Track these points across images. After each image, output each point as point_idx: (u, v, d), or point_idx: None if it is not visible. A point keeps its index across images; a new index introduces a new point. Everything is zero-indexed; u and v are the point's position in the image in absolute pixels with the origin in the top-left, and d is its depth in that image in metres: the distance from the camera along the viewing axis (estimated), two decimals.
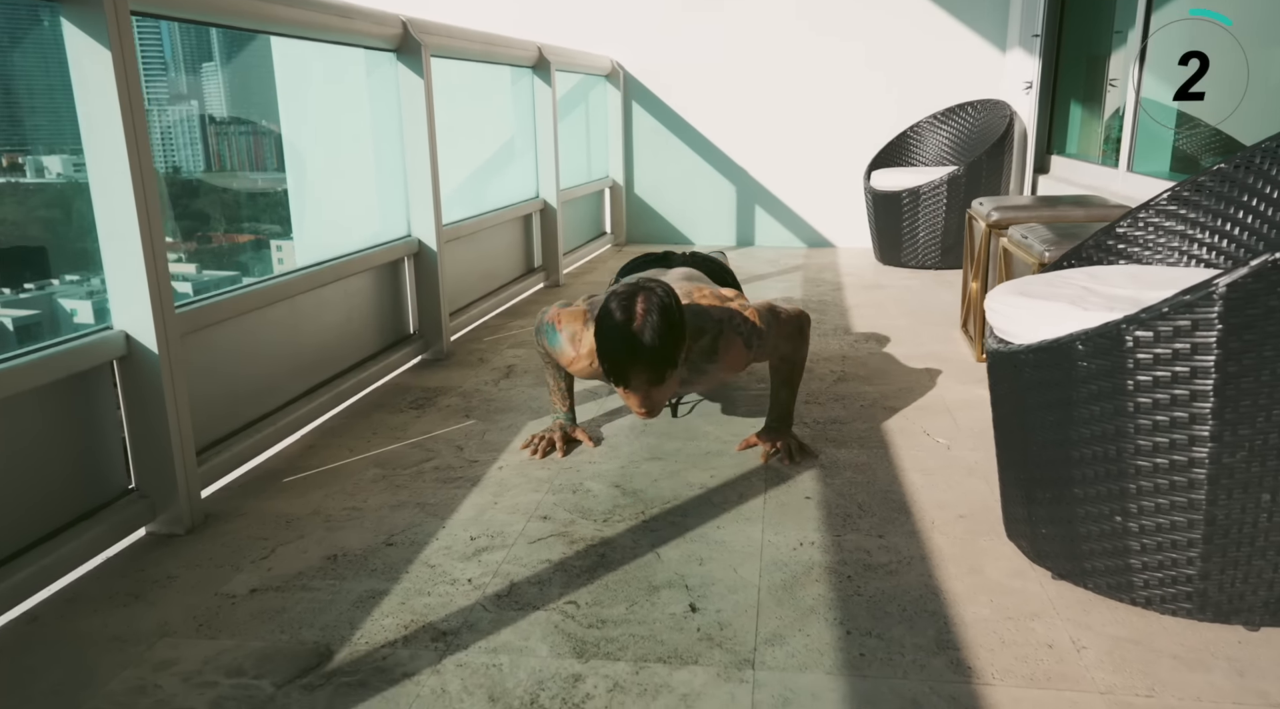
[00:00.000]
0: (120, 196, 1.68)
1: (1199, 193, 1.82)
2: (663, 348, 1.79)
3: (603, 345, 1.83)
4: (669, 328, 1.80)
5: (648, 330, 1.77)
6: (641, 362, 1.79)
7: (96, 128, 1.66)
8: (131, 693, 1.33)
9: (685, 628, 1.47)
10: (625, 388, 1.85)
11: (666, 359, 1.81)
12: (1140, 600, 1.45)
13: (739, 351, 2.04)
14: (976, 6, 5.14)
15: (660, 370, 1.81)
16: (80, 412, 1.74)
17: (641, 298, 1.80)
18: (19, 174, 5.18)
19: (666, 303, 1.81)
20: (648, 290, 1.82)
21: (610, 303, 1.83)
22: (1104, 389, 1.36)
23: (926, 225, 4.70)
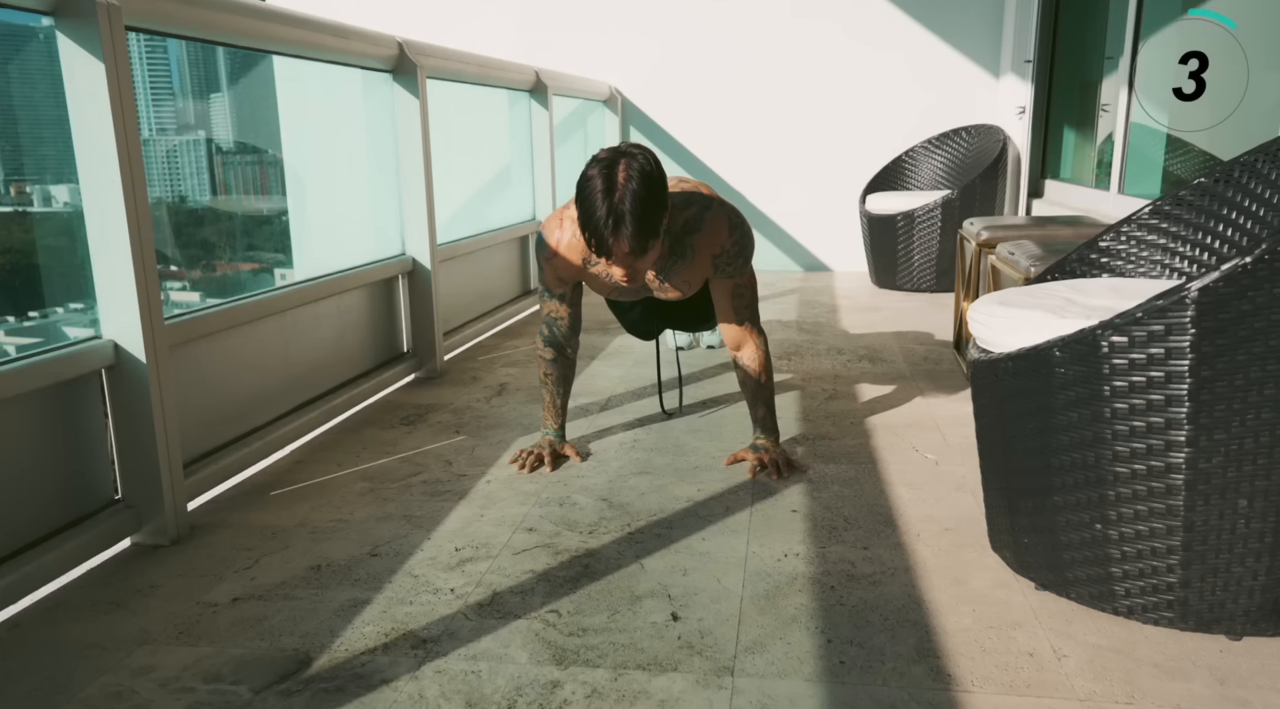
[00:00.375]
0: (111, 207, 1.70)
1: (1180, 207, 1.84)
2: (644, 212, 1.76)
3: (583, 211, 1.78)
4: (650, 194, 1.77)
5: (629, 198, 1.75)
6: (623, 226, 1.75)
7: (89, 138, 1.68)
8: (108, 698, 1.32)
9: (666, 636, 1.46)
10: (607, 257, 1.82)
11: (648, 224, 1.78)
12: (1122, 610, 1.45)
13: (721, 230, 2.03)
14: (970, 33, 5.21)
15: (642, 237, 1.78)
16: (68, 421, 1.75)
17: (623, 163, 1.78)
18: (26, 203, 5.22)
19: (648, 168, 1.78)
20: (629, 156, 1.80)
21: (590, 169, 1.80)
22: (1081, 395, 1.36)
23: (921, 248, 4.73)
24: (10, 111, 9.78)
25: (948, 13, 5.21)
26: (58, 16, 1.65)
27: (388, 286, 3.08)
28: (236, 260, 5.40)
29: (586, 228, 1.79)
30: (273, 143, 4.06)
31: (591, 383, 3.04)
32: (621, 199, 1.75)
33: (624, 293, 2.20)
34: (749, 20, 5.39)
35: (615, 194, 1.75)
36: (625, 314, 2.60)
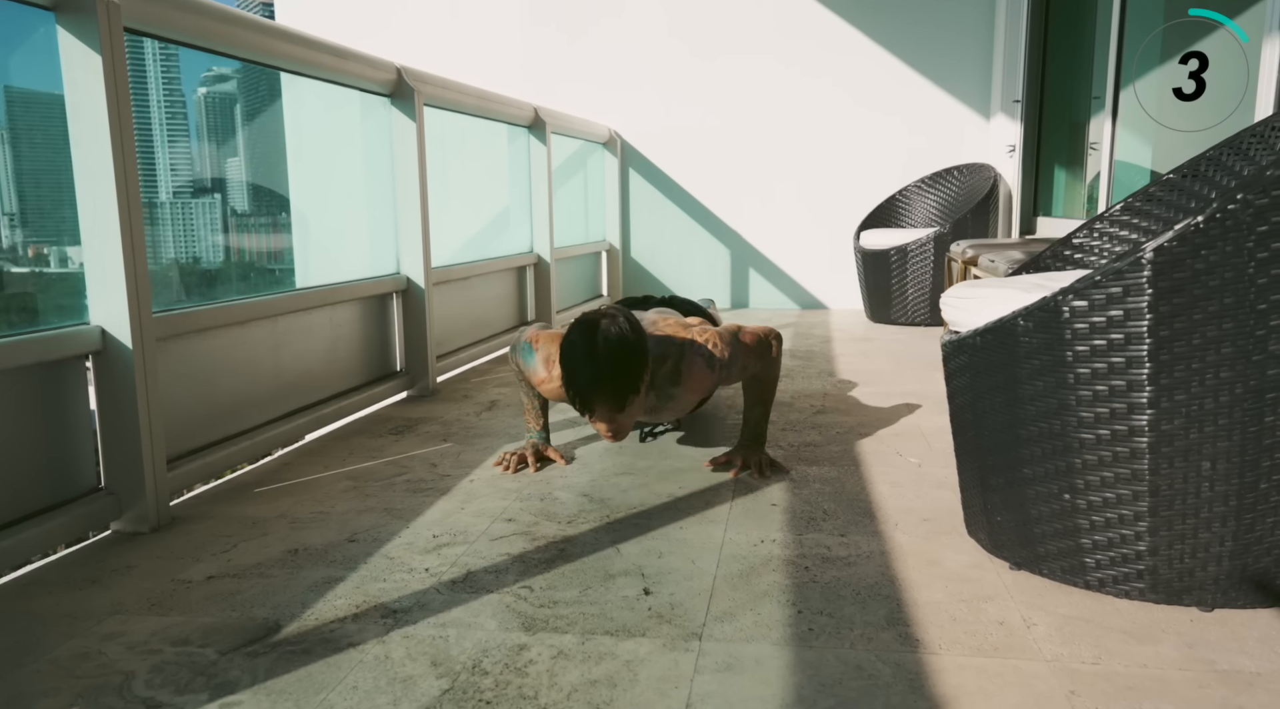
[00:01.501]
0: (103, 195, 1.75)
1: (1150, 202, 1.88)
2: (623, 375, 1.83)
3: (566, 373, 1.86)
4: (629, 355, 1.84)
5: (608, 357, 1.81)
6: (603, 389, 1.83)
7: (84, 128, 1.74)
8: (75, 658, 1.32)
9: (636, 608, 1.46)
10: (590, 415, 1.88)
11: (628, 386, 1.85)
12: (1094, 583, 1.44)
13: (702, 374, 2.07)
14: (960, 75, 5.33)
15: (622, 397, 1.85)
16: (52, 404, 1.77)
17: (603, 326, 1.84)
18: (44, 264, 5.33)
19: (625, 330, 1.85)
20: (609, 318, 1.86)
21: (572, 332, 1.87)
22: (1046, 363, 1.38)
23: (915, 283, 4.77)
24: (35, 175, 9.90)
25: (938, 56, 5.34)
26: (59, 12, 1.72)
27: (381, 303, 3.12)
28: (245, 270, 5.48)
29: (569, 386, 1.87)
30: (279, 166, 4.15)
31: None
32: (604, 359, 1.81)
33: None
34: (745, 66, 5.53)
35: (596, 354, 1.82)
36: None
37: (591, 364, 1.82)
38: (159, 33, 1.98)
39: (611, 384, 1.83)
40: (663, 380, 2.06)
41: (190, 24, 2.05)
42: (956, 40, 5.31)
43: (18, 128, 4.50)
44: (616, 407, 1.86)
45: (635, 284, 5.89)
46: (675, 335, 2.10)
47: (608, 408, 1.86)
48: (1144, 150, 3.85)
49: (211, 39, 2.15)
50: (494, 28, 5.80)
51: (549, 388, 2.15)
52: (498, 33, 5.80)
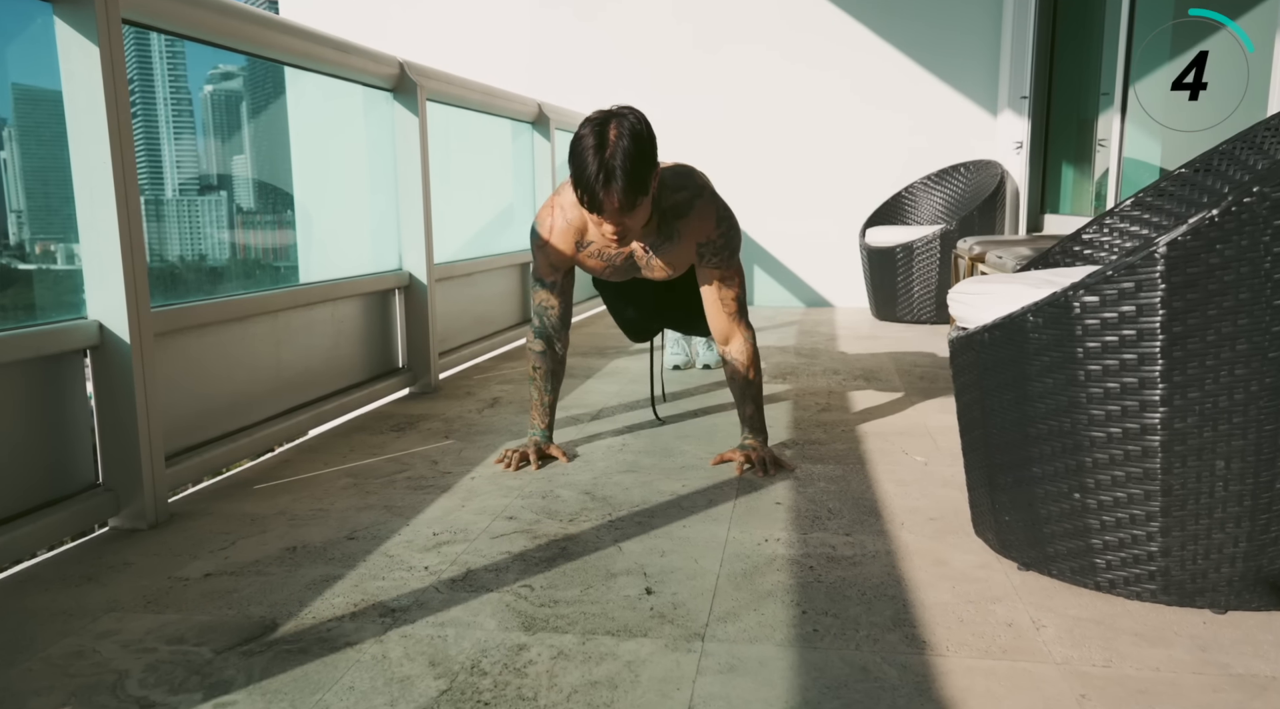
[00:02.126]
0: (101, 188, 1.73)
1: (1161, 197, 1.84)
2: (634, 168, 1.82)
3: (575, 168, 1.84)
4: (640, 152, 1.83)
5: (620, 155, 1.81)
6: (613, 181, 1.81)
7: (82, 120, 1.72)
8: (69, 657, 1.31)
9: (638, 607, 1.44)
10: (598, 212, 1.87)
11: (637, 181, 1.83)
12: (1104, 584, 1.41)
13: (708, 218, 2.08)
14: (967, 71, 5.29)
15: (631, 193, 1.83)
16: (50, 399, 1.75)
17: (614, 123, 1.84)
18: (50, 261, 5.34)
19: (638, 128, 1.84)
20: (619, 116, 1.86)
21: (582, 128, 1.86)
22: (1056, 360, 1.36)
23: (921, 280, 4.74)
24: (42, 172, 9.98)
25: (945, 51, 5.30)
26: (56, 3, 1.70)
27: (383, 300, 3.10)
28: (249, 265, 5.48)
29: (579, 183, 1.85)
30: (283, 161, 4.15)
31: (585, 397, 3.03)
32: (612, 155, 1.81)
33: (615, 271, 2.21)
34: (749, 61, 5.50)
35: (606, 150, 1.82)
36: (621, 312, 2.61)
37: (601, 158, 1.81)
38: (158, 24, 1.96)
39: (622, 177, 1.81)
40: (669, 208, 2.06)
41: (189, 16, 2.03)
42: (963, 36, 5.27)
43: (25, 124, 4.50)
44: (626, 204, 1.85)
45: None
46: (695, 176, 2.12)
47: (615, 204, 1.84)
48: (1153, 147, 3.81)
49: (211, 31, 2.13)
50: (497, 20, 5.78)
51: (558, 230, 2.12)
52: (501, 25, 5.77)
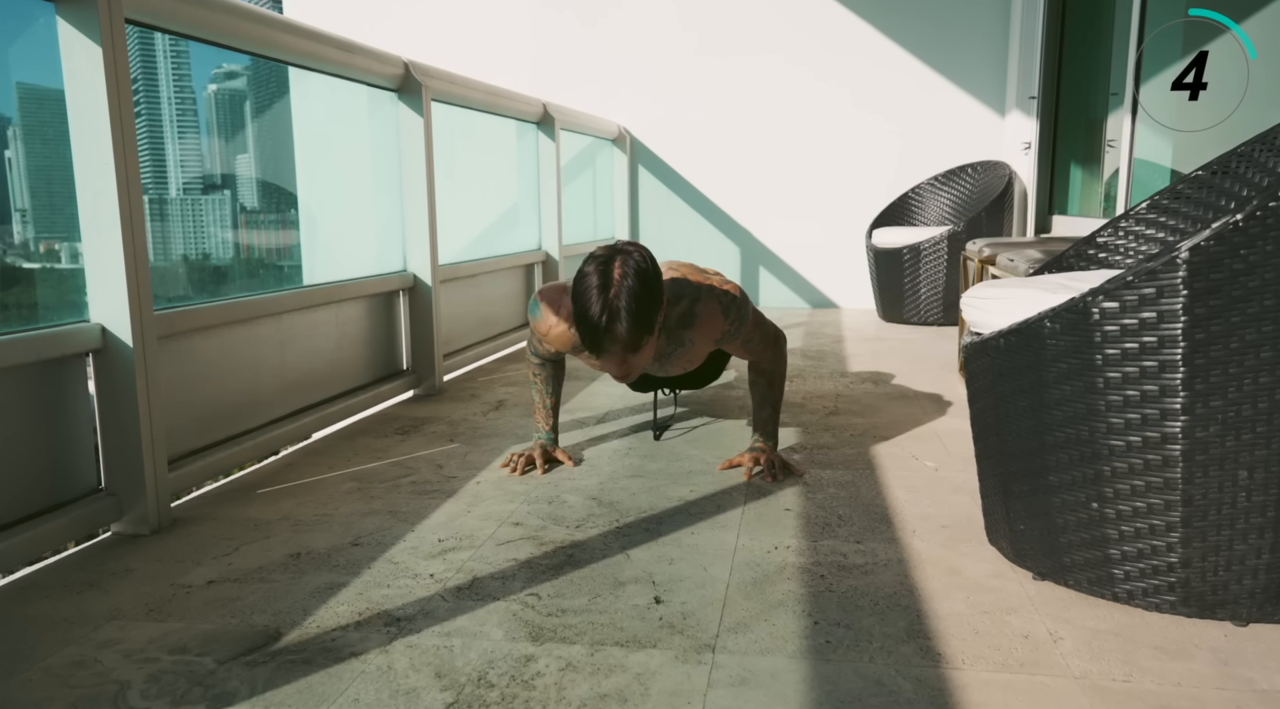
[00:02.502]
0: (104, 190, 1.71)
1: (1178, 200, 1.82)
2: (638, 312, 1.74)
3: (578, 309, 1.77)
4: (645, 290, 1.75)
5: (624, 296, 1.73)
6: (617, 326, 1.74)
7: (84, 121, 1.70)
8: (69, 666, 1.29)
9: (647, 617, 1.41)
10: (601, 355, 1.81)
11: (642, 324, 1.76)
12: (1122, 595, 1.39)
13: (716, 319, 2.01)
14: (974, 71, 5.26)
15: (636, 336, 1.76)
16: (52, 403, 1.73)
17: (618, 261, 1.77)
18: (54, 260, 5.32)
19: (643, 266, 1.77)
20: (624, 254, 1.79)
21: (586, 266, 1.79)
22: (1074, 367, 1.33)
23: (928, 282, 4.71)
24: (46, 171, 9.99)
25: (952, 53, 5.27)
26: (58, 3, 1.68)
27: (388, 301, 3.08)
28: (252, 266, 5.46)
29: (581, 325, 1.78)
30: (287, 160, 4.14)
31: (590, 400, 3.01)
32: (616, 296, 1.73)
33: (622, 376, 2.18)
34: (755, 60, 5.47)
35: (610, 291, 1.74)
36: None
37: (605, 300, 1.73)
38: (161, 24, 1.93)
39: (627, 321, 1.74)
40: (675, 323, 1.99)
41: (193, 15, 2.01)
42: (970, 37, 5.24)
43: (29, 123, 4.47)
44: (630, 346, 1.77)
45: None
46: (691, 278, 2.04)
47: (621, 346, 1.78)
48: (1163, 148, 3.78)
49: (215, 31, 2.11)
50: (502, 20, 5.76)
51: (556, 333, 2.05)
52: (506, 26, 5.75)
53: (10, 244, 4.66)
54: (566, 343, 2.06)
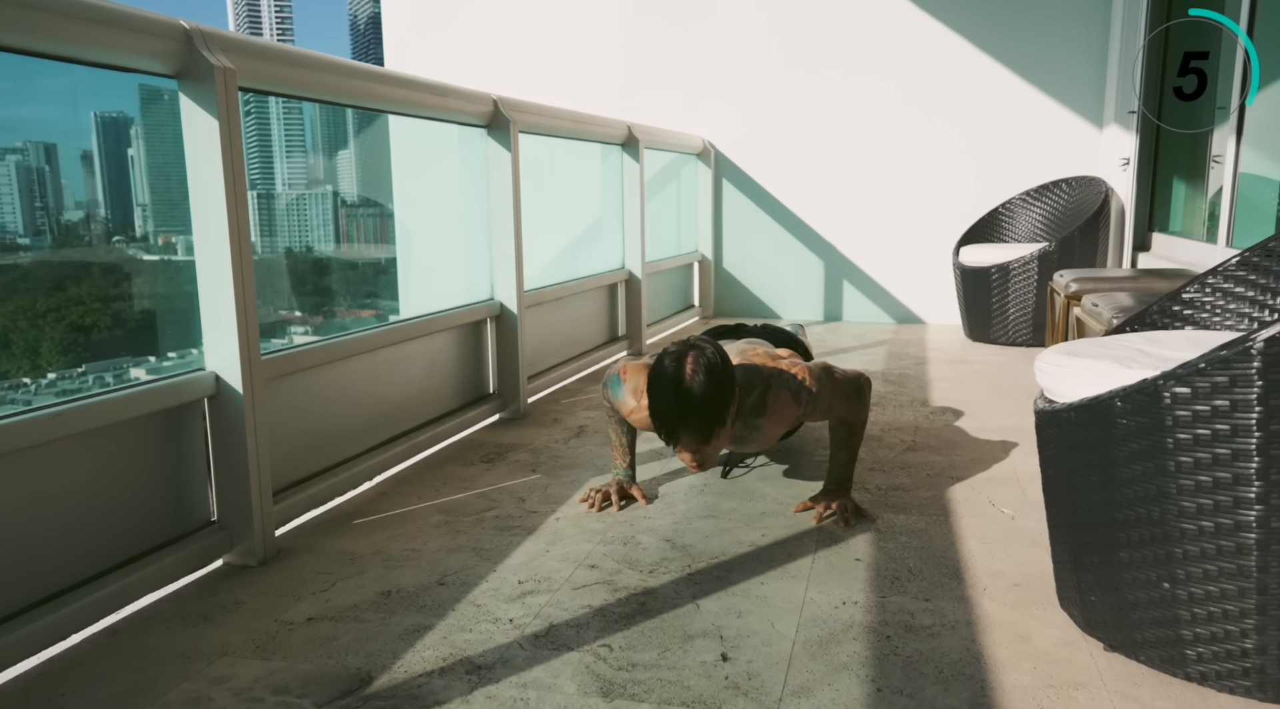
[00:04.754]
0: (218, 251, 1.86)
1: (1269, 257, 1.77)
2: (710, 406, 1.85)
3: (653, 404, 1.90)
4: (716, 386, 1.86)
5: (695, 389, 1.84)
6: (690, 420, 1.86)
7: (202, 188, 1.85)
8: (187, 703, 1.42)
9: (714, 676, 1.47)
10: (675, 445, 1.91)
11: (714, 418, 1.87)
12: (1195, 676, 1.38)
13: (787, 406, 2.07)
14: (1071, 84, 5.12)
15: (708, 429, 1.87)
16: (174, 445, 1.89)
17: (691, 357, 1.87)
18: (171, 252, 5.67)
19: (714, 361, 1.87)
20: (697, 349, 1.89)
21: (661, 362, 1.91)
22: (1144, 448, 1.33)
23: (1017, 302, 4.62)
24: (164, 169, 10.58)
25: (1049, 64, 5.14)
26: (181, 79, 1.83)
27: (475, 329, 3.20)
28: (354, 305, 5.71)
29: (655, 417, 1.91)
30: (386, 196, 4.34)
31: None
32: (689, 392, 1.84)
33: None
34: (843, 71, 5.43)
35: (683, 385, 1.84)
36: None
37: (678, 395, 1.85)
38: (270, 88, 2.08)
39: (698, 416, 1.86)
40: (748, 411, 2.07)
41: (295, 77, 2.15)
42: (1066, 49, 5.09)
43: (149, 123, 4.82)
44: (703, 438, 1.89)
45: (727, 294, 5.87)
46: (763, 365, 2.11)
47: (693, 439, 1.90)
48: (1269, 164, 3.63)
49: (316, 89, 2.24)
50: (588, 37, 5.86)
51: (638, 417, 2.19)
52: (591, 43, 5.85)
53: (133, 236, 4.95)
54: (645, 426, 2.17)
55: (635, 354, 2.31)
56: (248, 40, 1.98)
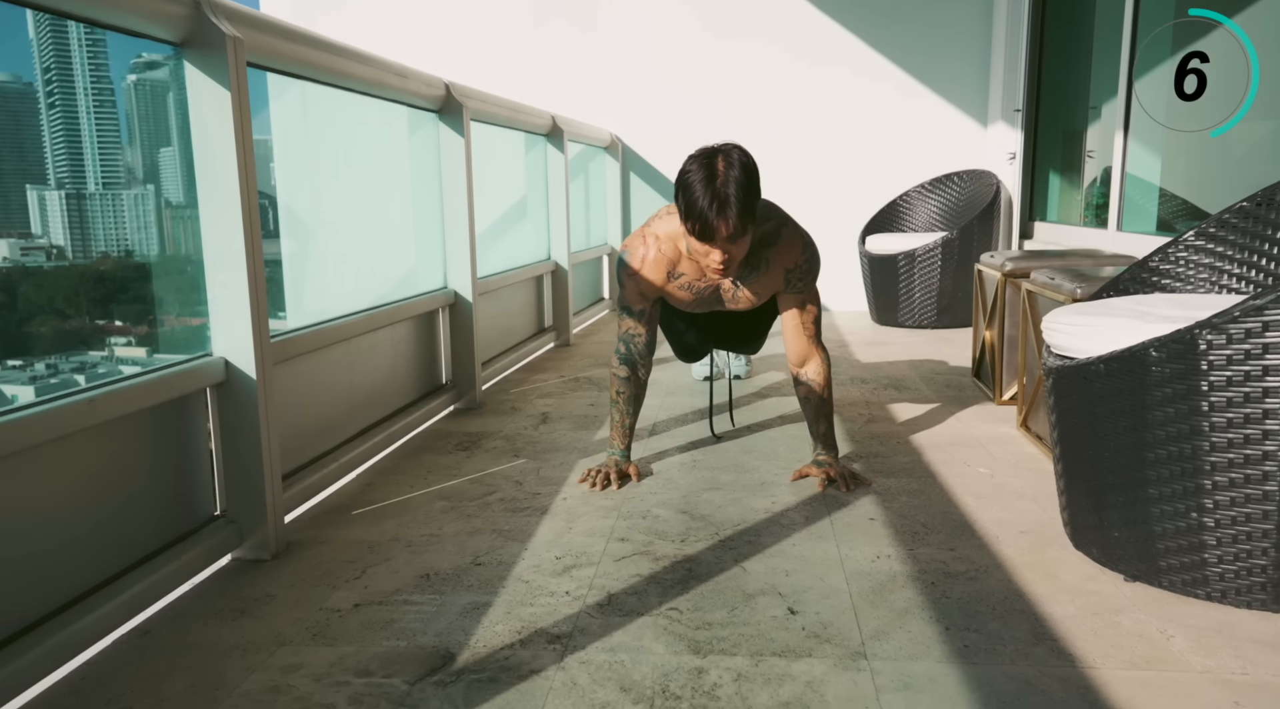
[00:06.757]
0: (229, 228, 1.77)
1: (1224, 228, 1.99)
2: (745, 197, 1.94)
3: (688, 198, 1.94)
4: (749, 181, 1.95)
5: (732, 183, 1.92)
6: (728, 209, 1.92)
7: (210, 162, 1.75)
8: (267, 692, 1.35)
9: (790, 627, 1.53)
10: (710, 240, 1.96)
11: (749, 207, 1.95)
12: (1216, 595, 1.54)
13: (795, 247, 2.22)
14: (958, 83, 5.47)
15: (743, 220, 1.95)
16: (180, 436, 1.78)
17: (721, 157, 1.96)
18: None
19: (745, 160, 1.97)
20: (725, 151, 1.98)
21: (689, 164, 1.98)
22: (1178, 392, 1.48)
23: (923, 286, 4.90)
24: None
25: (935, 64, 5.47)
26: (186, 48, 1.73)
27: (430, 319, 3.14)
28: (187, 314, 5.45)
29: (690, 214, 1.95)
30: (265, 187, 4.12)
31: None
32: (725, 183, 1.92)
33: (700, 303, 2.30)
34: (745, 69, 5.61)
35: (718, 180, 1.93)
36: (680, 336, 2.70)
37: (713, 188, 1.92)
38: (268, 64, 1.98)
39: (736, 204, 1.92)
40: (759, 240, 2.17)
41: (292, 53, 2.06)
42: (953, 51, 5.44)
43: None
44: (739, 229, 1.95)
45: None
46: (777, 207, 2.26)
47: (728, 229, 1.94)
48: (1150, 159, 4.00)
49: (304, 65, 2.16)
50: (492, 30, 5.80)
51: (649, 262, 2.21)
52: (495, 35, 5.80)
53: None
54: (660, 271, 2.22)
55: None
56: (252, 12, 1.89)
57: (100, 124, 22.43)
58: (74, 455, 1.50)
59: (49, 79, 71.29)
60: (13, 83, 14.20)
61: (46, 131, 71.41)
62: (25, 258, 6.71)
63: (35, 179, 62.25)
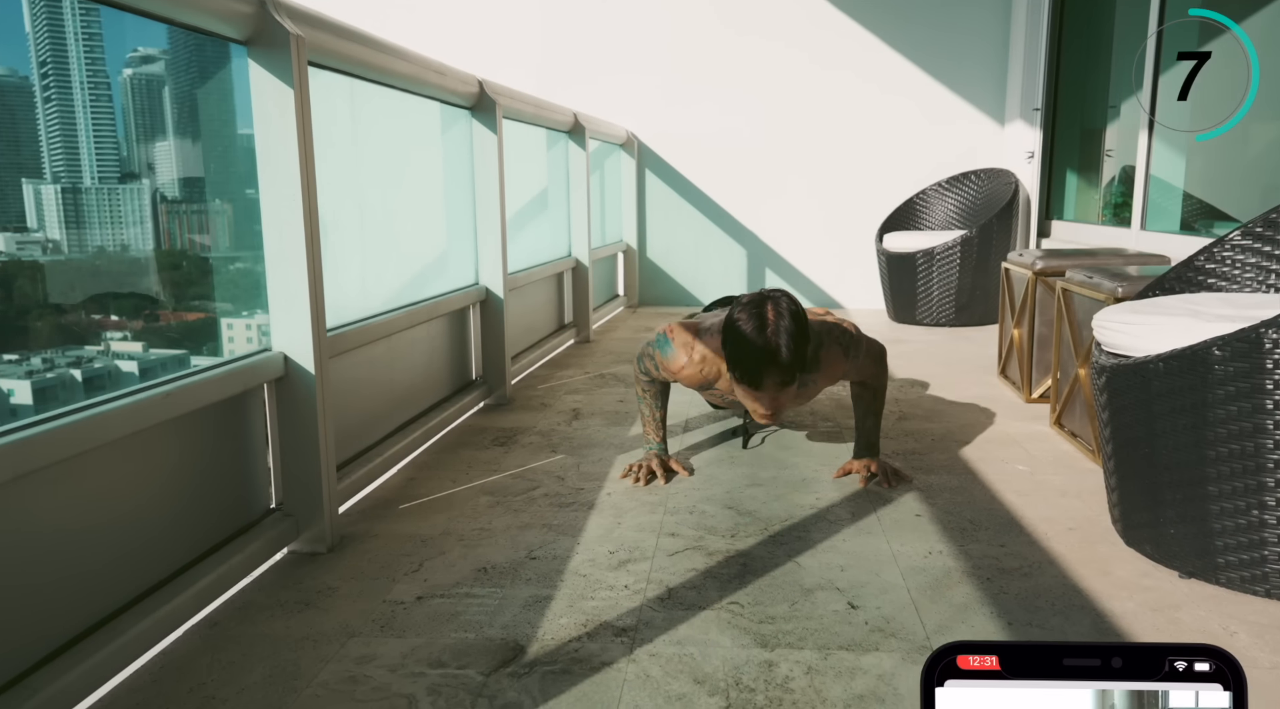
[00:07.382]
0: (291, 224, 1.78)
1: (1270, 228, 2.00)
2: (796, 350, 1.92)
3: (737, 350, 1.93)
4: (800, 331, 1.93)
5: (783, 334, 1.90)
6: (776, 364, 1.91)
7: (273, 159, 1.76)
8: (344, 682, 1.37)
9: (854, 622, 1.55)
10: (757, 390, 1.95)
11: (798, 361, 1.93)
12: (1276, 592, 1.56)
13: (839, 360, 2.18)
14: (975, 81, 5.48)
15: (792, 372, 1.93)
16: (239, 429, 1.80)
17: (770, 305, 1.94)
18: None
19: (795, 308, 1.95)
20: (774, 299, 1.96)
21: (740, 312, 1.96)
22: (1242, 389, 1.49)
23: (941, 284, 4.92)
24: None
25: (955, 63, 5.48)
26: (251, 45, 1.74)
27: (462, 315, 3.15)
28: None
29: (739, 365, 1.94)
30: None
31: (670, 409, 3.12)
32: (775, 334, 1.90)
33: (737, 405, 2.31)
34: (763, 67, 5.62)
35: (768, 330, 1.90)
36: (712, 403, 2.73)
37: (764, 338, 1.90)
38: (327, 63, 1.99)
39: (786, 357, 1.91)
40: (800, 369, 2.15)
41: (347, 51, 2.07)
42: (971, 51, 5.45)
43: None
44: (786, 381, 1.94)
45: (651, 284, 5.96)
46: (813, 321, 2.19)
47: (778, 381, 1.93)
48: (1175, 159, 4.02)
49: (357, 64, 2.17)
50: (511, 27, 5.80)
51: (688, 373, 2.21)
52: (519, 31, 5.81)
53: None
54: (695, 381, 2.22)
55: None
56: (311, 11, 1.90)
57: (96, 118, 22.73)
58: (150, 449, 1.51)
59: (45, 73, 71.38)
60: (9, 76, 14.22)
61: (43, 125, 71.36)
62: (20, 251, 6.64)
63: (31, 173, 62.39)
